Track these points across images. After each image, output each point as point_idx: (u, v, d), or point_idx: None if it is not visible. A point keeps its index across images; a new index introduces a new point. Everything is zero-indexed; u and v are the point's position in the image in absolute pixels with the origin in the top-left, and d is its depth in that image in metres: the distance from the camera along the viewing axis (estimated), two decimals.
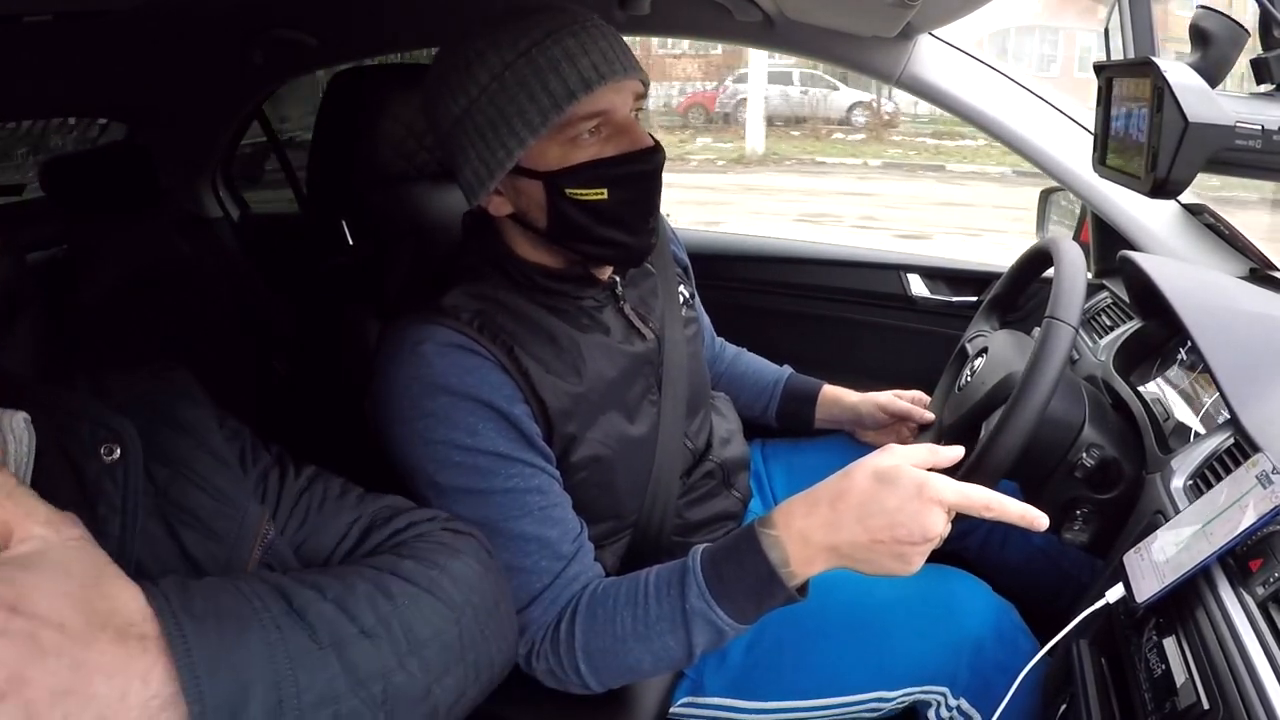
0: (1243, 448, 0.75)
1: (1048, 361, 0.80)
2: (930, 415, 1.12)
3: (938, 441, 1.05)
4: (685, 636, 0.75)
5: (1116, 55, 0.77)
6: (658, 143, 0.85)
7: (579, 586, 0.81)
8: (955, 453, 0.75)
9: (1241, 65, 0.71)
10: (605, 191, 0.81)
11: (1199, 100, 0.65)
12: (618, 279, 0.94)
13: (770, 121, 12.87)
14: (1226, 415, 0.79)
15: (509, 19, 0.80)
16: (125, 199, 1.72)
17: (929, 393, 1.16)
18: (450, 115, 0.81)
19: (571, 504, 0.85)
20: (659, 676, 0.86)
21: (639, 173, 0.83)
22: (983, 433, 0.93)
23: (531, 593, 0.80)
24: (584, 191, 0.81)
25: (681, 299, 1.04)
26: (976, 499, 0.70)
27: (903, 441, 1.15)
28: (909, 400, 1.16)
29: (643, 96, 0.84)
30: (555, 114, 0.77)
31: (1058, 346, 0.81)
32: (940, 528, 0.69)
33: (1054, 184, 1.38)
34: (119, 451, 0.53)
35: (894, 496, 0.69)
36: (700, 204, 8.22)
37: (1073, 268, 0.88)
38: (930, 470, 0.72)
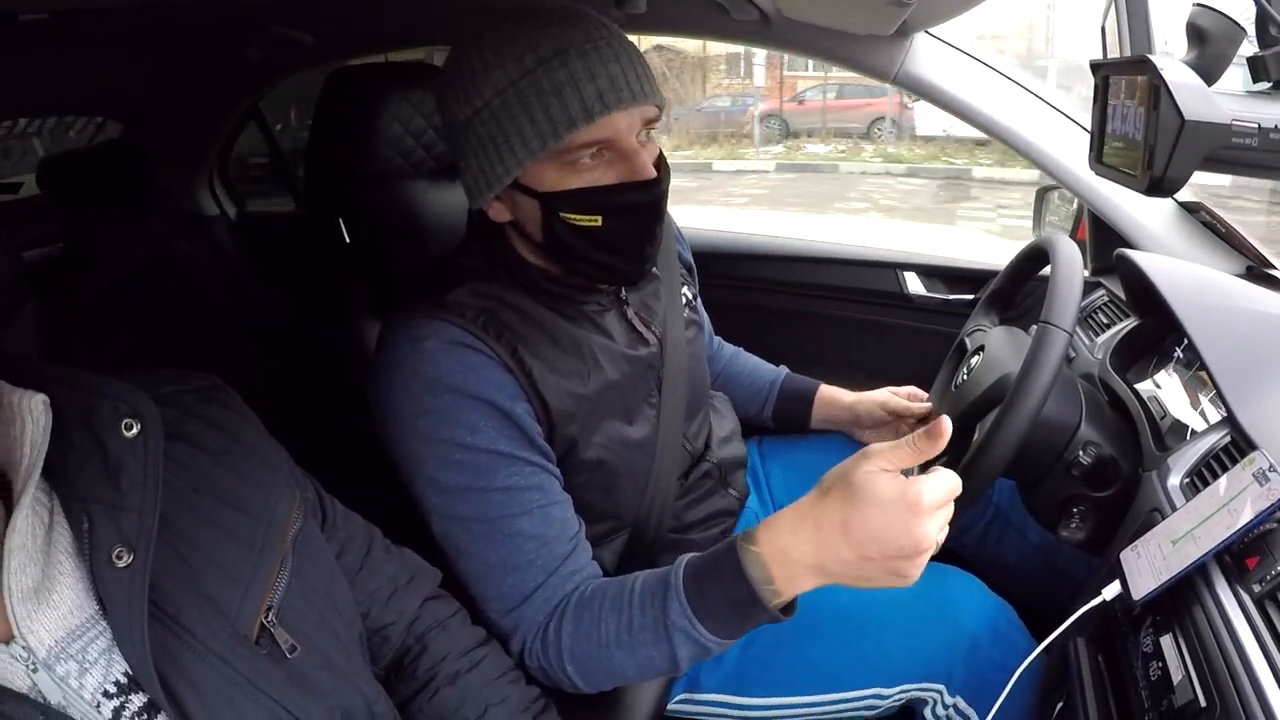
0: (1239, 445, 0.75)
1: (1041, 367, 0.80)
2: (927, 406, 1.12)
3: None
4: (669, 649, 0.74)
5: (1113, 53, 0.77)
6: (663, 172, 0.82)
7: (573, 586, 0.80)
8: (938, 447, 0.65)
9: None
10: (600, 219, 0.80)
11: (1195, 98, 0.65)
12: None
13: None
14: (1223, 413, 0.79)
15: (523, 27, 0.77)
16: (119, 197, 1.72)
17: (925, 390, 1.16)
18: (456, 119, 0.81)
19: (572, 503, 0.85)
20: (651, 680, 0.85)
21: (636, 203, 0.81)
22: (976, 434, 0.92)
23: (525, 591, 0.79)
24: (578, 217, 0.80)
25: (684, 300, 1.04)
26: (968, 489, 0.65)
27: (900, 437, 1.16)
28: (905, 396, 1.16)
29: (655, 120, 0.82)
30: (553, 140, 0.76)
31: (1051, 352, 0.80)
32: (933, 534, 0.63)
33: (1051, 182, 1.38)
34: (138, 427, 0.54)
35: (877, 511, 0.63)
36: None
37: (1069, 269, 0.88)
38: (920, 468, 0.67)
